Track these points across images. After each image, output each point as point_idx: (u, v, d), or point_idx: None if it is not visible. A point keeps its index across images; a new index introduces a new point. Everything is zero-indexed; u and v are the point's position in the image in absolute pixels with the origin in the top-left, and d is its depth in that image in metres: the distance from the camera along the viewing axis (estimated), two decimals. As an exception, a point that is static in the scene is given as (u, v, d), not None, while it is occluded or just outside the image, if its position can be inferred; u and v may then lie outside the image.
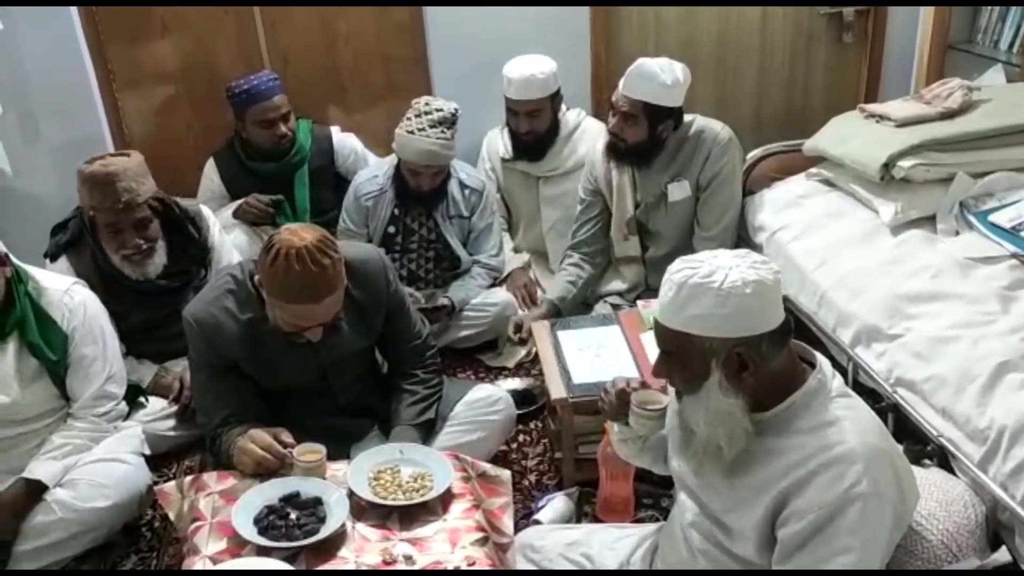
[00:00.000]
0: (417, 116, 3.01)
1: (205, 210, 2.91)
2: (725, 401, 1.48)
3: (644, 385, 1.84)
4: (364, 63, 3.69)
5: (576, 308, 3.16)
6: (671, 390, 1.67)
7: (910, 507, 1.54)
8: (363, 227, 3.21)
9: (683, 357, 1.51)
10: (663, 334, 1.54)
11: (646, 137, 2.95)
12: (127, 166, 2.56)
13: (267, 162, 3.32)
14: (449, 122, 3.01)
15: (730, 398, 1.48)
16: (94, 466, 2.32)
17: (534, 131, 3.32)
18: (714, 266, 1.48)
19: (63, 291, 2.36)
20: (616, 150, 3.02)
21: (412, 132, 2.99)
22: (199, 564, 1.77)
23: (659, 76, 2.87)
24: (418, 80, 3.69)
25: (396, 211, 3.16)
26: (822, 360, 1.56)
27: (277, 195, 3.27)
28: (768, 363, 1.48)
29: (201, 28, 3.53)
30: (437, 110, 3.01)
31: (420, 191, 3.11)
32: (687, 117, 3.04)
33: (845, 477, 1.41)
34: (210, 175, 3.37)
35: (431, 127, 2.98)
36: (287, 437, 2.06)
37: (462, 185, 3.20)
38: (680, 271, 1.50)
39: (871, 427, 1.50)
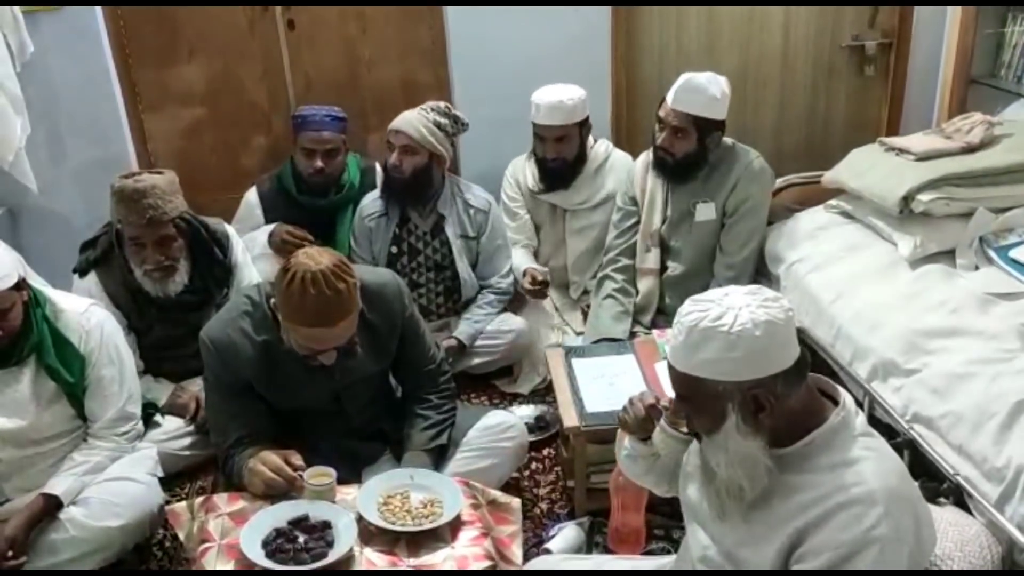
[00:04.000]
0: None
1: (231, 230, 2.96)
2: (744, 443, 1.45)
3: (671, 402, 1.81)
4: (386, 88, 3.73)
5: None
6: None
7: (927, 553, 1.51)
8: (368, 250, 3.23)
9: (698, 401, 1.50)
10: (676, 378, 1.52)
11: (695, 150, 3.00)
12: (156, 183, 2.61)
13: (318, 197, 3.28)
14: (442, 111, 3.10)
15: (749, 440, 1.45)
16: (107, 485, 2.33)
17: (561, 157, 3.32)
18: (724, 307, 1.45)
19: (80, 313, 2.38)
20: (664, 165, 3.06)
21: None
22: (207, 586, 1.78)
23: (708, 89, 2.93)
24: (440, 110, 3.73)
25: (397, 230, 3.18)
26: (846, 397, 1.53)
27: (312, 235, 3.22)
28: (785, 401, 1.45)
29: (226, 52, 3.59)
30: (442, 105, 3.14)
31: (393, 173, 3.10)
32: (726, 140, 3.07)
33: (865, 519, 1.38)
34: (251, 205, 3.32)
35: (421, 109, 3.11)
36: (297, 460, 2.07)
37: (467, 204, 3.22)
38: (690, 314, 1.48)
39: (893, 469, 1.47)
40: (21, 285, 2.25)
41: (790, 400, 1.46)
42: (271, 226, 3.23)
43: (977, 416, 2.09)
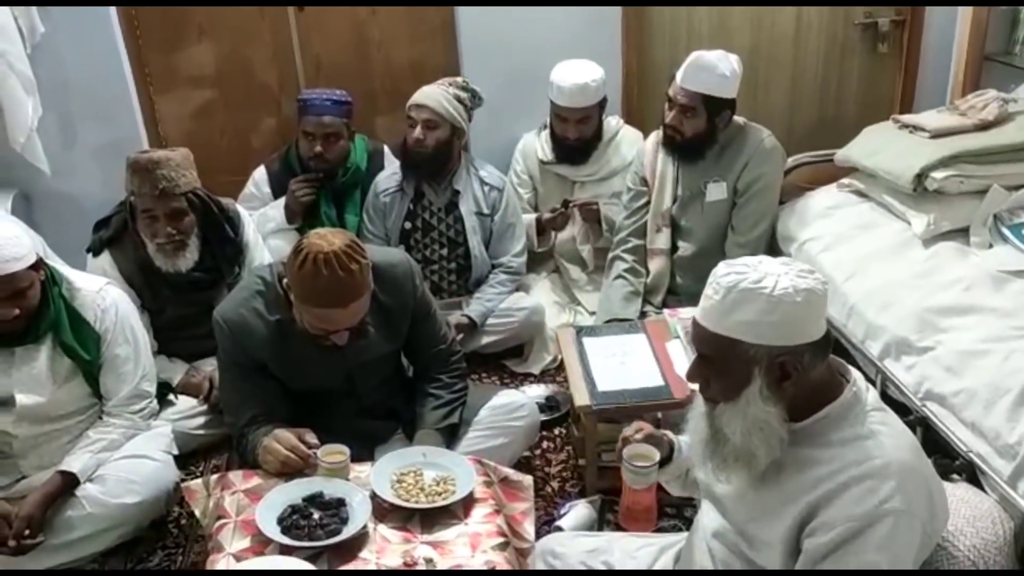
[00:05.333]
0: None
1: (242, 210, 2.97)
2: (764, 409, 1.45)
3: (649, 438, 1.79)
4: (396, 69, 3.72)
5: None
6: (698, 399, 1.63)
7: (939, 527, 1.51)
8: (381, 226, 3.24)
9: (724, 363, 1.48)
10: (705, 338, 1.49)
11: (704, 129, 2.98)
12: (171, 157, 2.65)
13: (324, 180, 3.28)
14: (460, 85, 3.11)
15: (769, 406, 1.45)
16: (123, 463, 2.36)
17: (582, 137, 3.34)
18: (763, 272, 1.44)
19: (96, 292, 2.40)
20: (673, 143, 3.05)
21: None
22: (223, 561, 1.79)
23: (717, 68, 2.90)
24: (449, 87, 3.71)
25: (412, 206, 3.19)
26: (856, 374, 1.54)
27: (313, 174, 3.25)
28: (808, 373, 1.45)
29: (236, 34, 3.58)
30: (458, 79, 3.17)
31: (414, 147, 3.09)
32: (737, 119, 3.05)
33: (877, 492, 1.38)
34: (259, 183, 3.35)
35: (440, 83, 3.12)
36: (312, 438, 2.08)
37: (482, 182, 3.22)
38: (727, 275, 1.46)
39: (906, 443, 1.47)
40: (38, 264, 2.26)
41: (813, 374, 1.46)
42: (281, 200, 3.25)
43: (990, 393, 2.09)
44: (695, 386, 2.31)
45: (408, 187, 3.19)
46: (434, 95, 3.07)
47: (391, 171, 3.26)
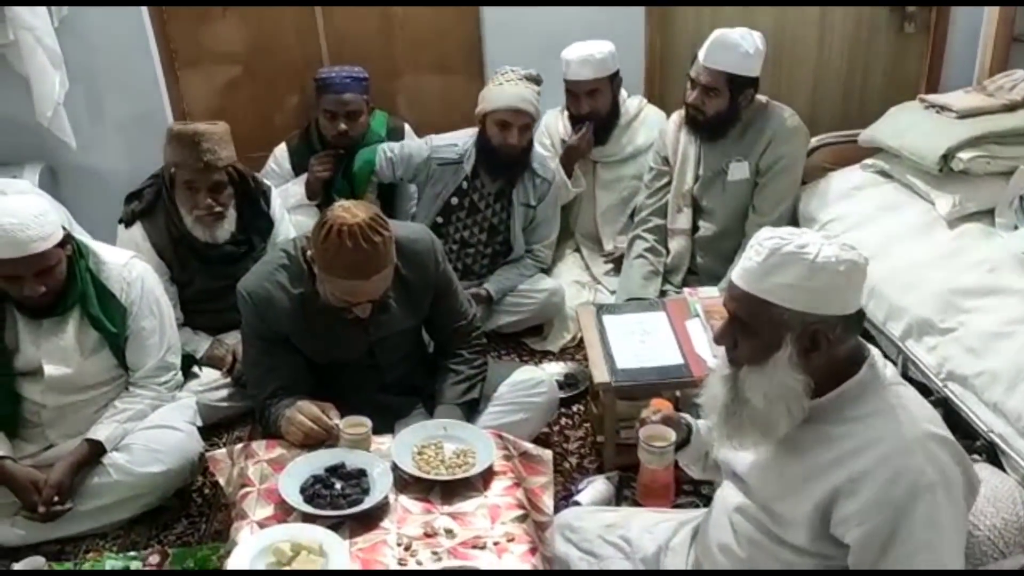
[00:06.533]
0: (503, 74, 3.09)
1: (272, 186, 3.01)
2: (791, 376, 1.45)
3: (667, 420, 1.81)
4: (419, 47, 3.72)
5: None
6: (719, 364, 1.63)
7: (975, 489, 1.48)
8: (407, 173, 3.20)
9: (756, 326, 1.48)
10: (740, 299, 1.49)
11: (726, 108, 2.95)
12: (213, 131, 2.69)
13: (343, 157, 3.28)
14: (535, 79, 3.09)
15: (796, 374, 1.45)
16: (149, 432, 2.40)
17: (595, 112, 3.31)
18: (807, 239, 1.45)
19: (122, 265, 2.43)
20: (695, 123, 3.03)
21: (501, 84, 3.06)
22: (246, 529, 1.82)
23: (741, 46, 2.88)
24: (472, 66, 3.71)
25: (465, 184, 3.16)
26: (874, 351, 1.54)
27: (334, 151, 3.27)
28: (837, 347, 1.46)
29: (261, 11, 3.59)
30: (524, 70, 3.10)
31: (505, 149, 3.07)
32: (760, 98, 3.03)
33: (908, 471, 1.37)
34: (280, 160, 3.38)
35: (519, 79, 3.06)
36: (334, 415, 2.09)
37: (535, 174, 3.21)
38: (771, 238, 1.47)
39: (925, 415, 1.47)
40: (66, 240, 2.29)
41: (840, 348, 1.47)
42: (303, 177, 3.27)
43: (1013, 374, 2.08)
44: (714, 363, 2.34)
45: (467, 164, 3.16)
46: (525, 96, 3.03)
47: (451, 141, 3.21)
